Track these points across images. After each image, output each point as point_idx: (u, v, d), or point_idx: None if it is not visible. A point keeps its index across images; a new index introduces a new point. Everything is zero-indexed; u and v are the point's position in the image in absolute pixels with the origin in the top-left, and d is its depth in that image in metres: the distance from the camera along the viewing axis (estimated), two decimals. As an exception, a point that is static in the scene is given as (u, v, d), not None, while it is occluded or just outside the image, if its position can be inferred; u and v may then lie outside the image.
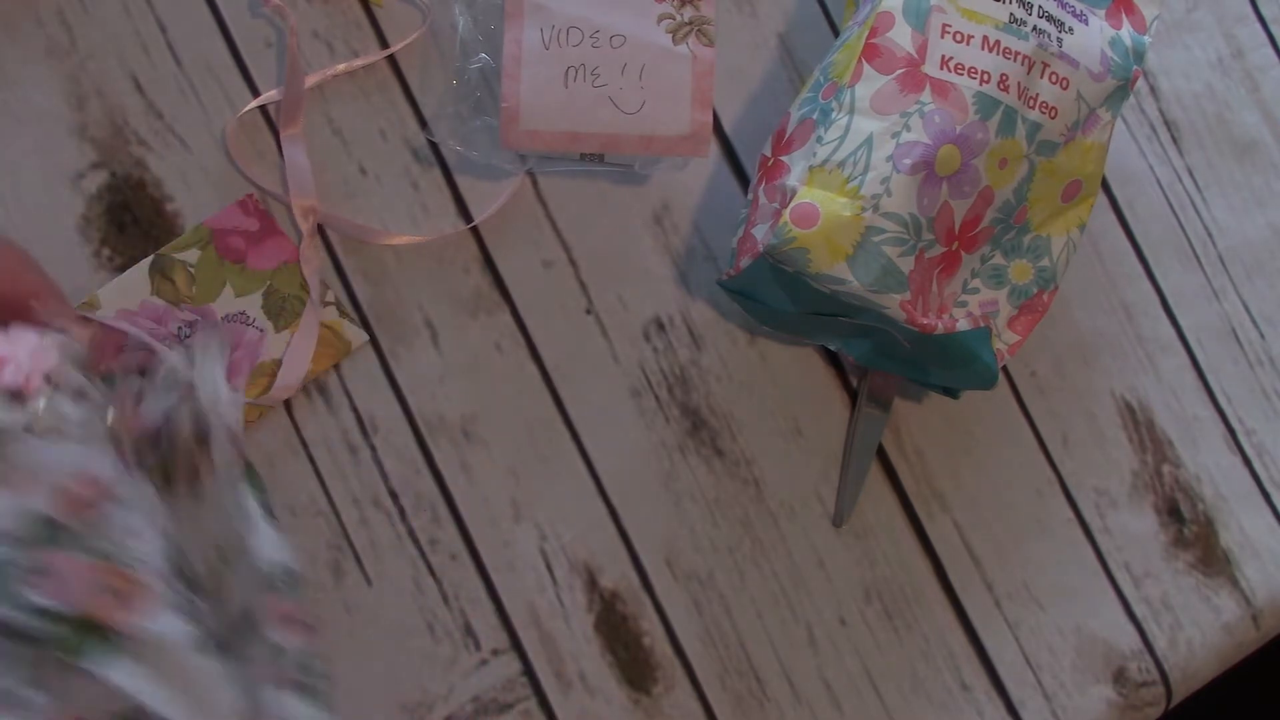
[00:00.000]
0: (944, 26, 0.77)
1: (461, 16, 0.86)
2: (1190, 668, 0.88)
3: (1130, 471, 0.89)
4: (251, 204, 0.84)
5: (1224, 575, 0.89)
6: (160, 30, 0.86)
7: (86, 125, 0.84)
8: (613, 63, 0.84)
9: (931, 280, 0.78)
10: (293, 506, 0.83)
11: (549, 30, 0.84)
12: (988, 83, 0.76)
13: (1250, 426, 0.90)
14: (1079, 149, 0.80)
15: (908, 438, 0.88)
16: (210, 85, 0.86)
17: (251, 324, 0.83)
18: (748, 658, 0.85)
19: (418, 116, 0.87)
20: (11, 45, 0.84)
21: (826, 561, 0.86)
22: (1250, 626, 0.89)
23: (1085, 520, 0.88)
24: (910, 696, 0.85)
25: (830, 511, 0.86)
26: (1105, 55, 0.80)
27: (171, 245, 0.83)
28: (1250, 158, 0.93)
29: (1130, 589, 0.88)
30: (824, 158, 0.76)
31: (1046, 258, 0.82)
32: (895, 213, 0.75)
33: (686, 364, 0.86)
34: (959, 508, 0.87)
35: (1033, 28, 0.78)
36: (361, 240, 0.85)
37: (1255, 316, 0.91)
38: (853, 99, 0.76)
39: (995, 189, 0.78)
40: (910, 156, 0.75)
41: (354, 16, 0.87)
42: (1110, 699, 0.87)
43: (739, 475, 0.86)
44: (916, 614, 0.86)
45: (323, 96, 0.86)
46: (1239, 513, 0.89)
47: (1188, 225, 0.92)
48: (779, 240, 0.75)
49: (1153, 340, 0.90)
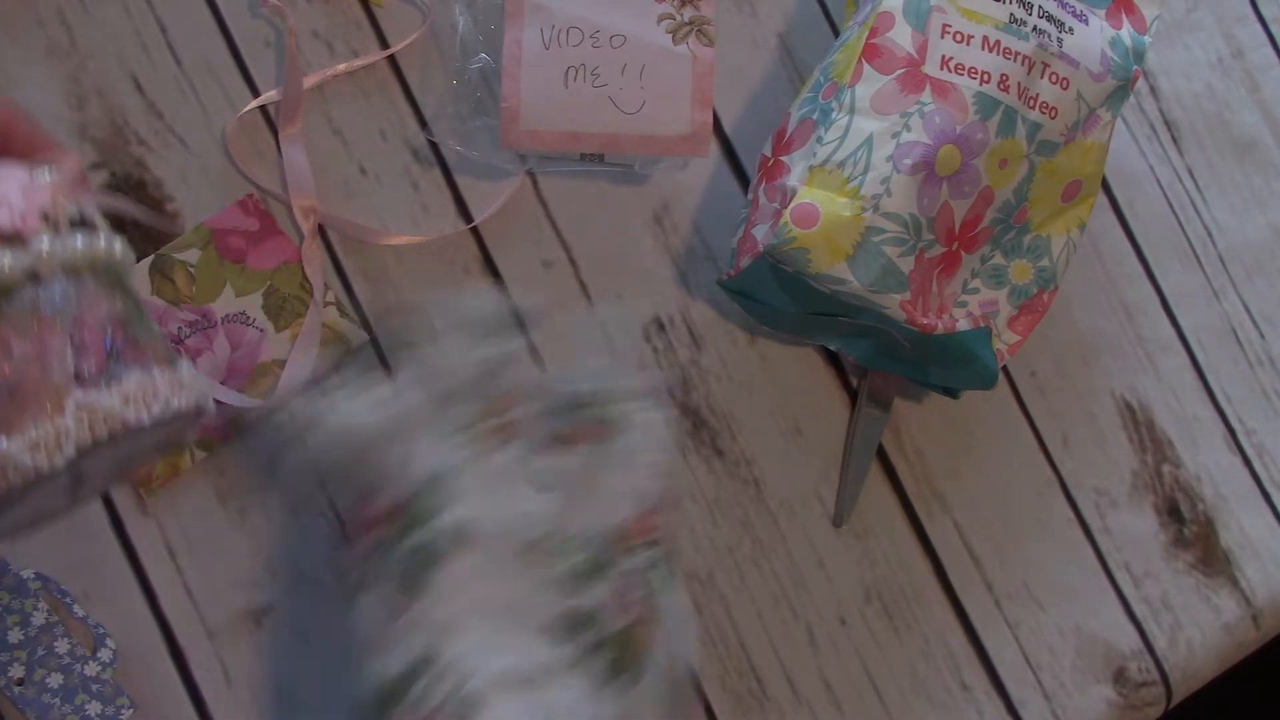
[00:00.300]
0: (944, 26, 0.77)
1: (461, 16, 0.86)
2: (1190, 668, 0.88)
3: (1130, 471, 0.89)
4: (251, 204, 0.84)
5: (1224, 575, 0.89)
6: (160, 30, 0.86)
7: (86, 125, 0.84)
8: (613, 63, 0.84)
9: (931, 280, 0.78)
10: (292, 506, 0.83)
11: (549, 30, 0.84)
12: (988, 83, 0.76)
13: (1250, 426, 0.90)
14: (1079, 149, 0.81)
15: (908, 438, 0.88)
16: (210, 85, 0.86)
17: (251, 324, 0.83)
18: (748, 658, 0.85)
19: (418, 116, 0.87)
20: (11, 45, 0.84)
21: (826, 561, 0.86)
22: (1250, 626, 0.89)
23: (1085, 520, 0.88)
24: (910, 696, 0.85)
25: (830, 511, 0.87)
26: (1105, 55, 0.80)
27: (171, 245, 0.83)
28: (1250, 158, 0.93)
29: (1130, 589, 0.88)
30: (824, 158, 0.76)
31: (1046, 258, 0.82)
32: (895, 213, 0.75)
33: (686, 364, 0.86)
34: (959, 508, 0.87)
35: (1033, 28, 0.78)
36: (361, 240, 0.85)
37: (1255, 316, 0.91)
38: (853, 99, 0.76)
39: (995, 189, 0.78)
40: (910, 156, 0.75)
41: (354, 16, 0.87)
42: (1110, 699, 0.87)
43: (739, 475, 0.86)
44: (916, 614, 0.86)
45: (323, 96, 0.86)
46: (1239, 513, 0.89)
47: (1188, 225, 0.92)
48: (779, 240, 0.75)
49: (1153, 340, 0.90)
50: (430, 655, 0.60)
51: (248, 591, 0.82)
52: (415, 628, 0.60)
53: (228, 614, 0.82)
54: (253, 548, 0.82)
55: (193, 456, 0.82)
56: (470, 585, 0.61)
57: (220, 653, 0.81)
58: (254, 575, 0.82)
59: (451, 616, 0.60)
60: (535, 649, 0.61)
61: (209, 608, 0.82)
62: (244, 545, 0.82)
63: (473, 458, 0.62)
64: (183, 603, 0.81)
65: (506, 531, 0.61)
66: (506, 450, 0.62)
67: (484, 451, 0.61)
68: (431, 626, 0.61)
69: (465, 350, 0.64)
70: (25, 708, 0.79)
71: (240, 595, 0.82)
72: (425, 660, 0.60)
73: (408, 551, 0.61)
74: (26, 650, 0.79)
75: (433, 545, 0.61)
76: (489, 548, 0.61)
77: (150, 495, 0.82)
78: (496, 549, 0.61)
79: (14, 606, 0.79)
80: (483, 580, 0.61)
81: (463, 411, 0.63)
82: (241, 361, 0.82)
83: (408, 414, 0.63)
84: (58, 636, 0.79)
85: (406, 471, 0.62)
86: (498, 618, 0.61)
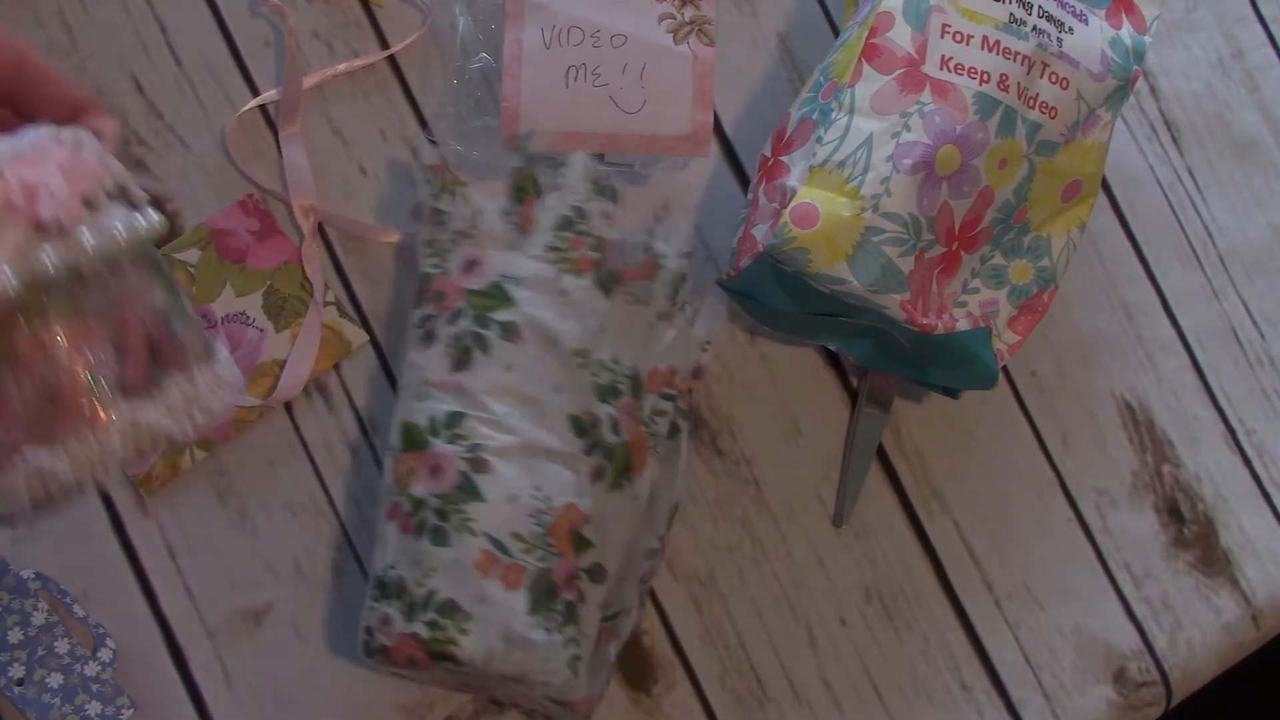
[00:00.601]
0: (944, 26, 0.77)
1: (461, 16, 0.86)
2: (1190, 668, 0.88)
3: (1130, 471, 0.89)
4: (252, 204, 0.84)
5: (1224, 575, 0.89)
6: (160, 30, 0.86)
7: (86, 125, 0.84)
8: (613, 62, 0.84)
9: (931, 280, 0.78)
10: (292, 506, 0.83)
11: (550, 30, 0.84)
12: (987, 83, 0.76)
13: (1250, 426, 0.90)
14: (1079, 149, 0.80)
15: (908, 438, 0.88)
16: (210, 85, 0.86)
17: (251, 324, 0.83)
18: (748, 658, 0.85)
19: (418, 116, 0.87)
20: (11, 45, 0.84)
21: (826, 561, 0.86)
22: (1250, 626, 0.89)
23: (1085, 520, 0.88)
24: (910, 696, 0.85)
25: (830, 511, 0.87)
26: (1105, 55, 0.80)
27: (171, 245, 0.83)
28: (1250, 158, 0.93)
29: (1130, 589, 0.88)
30: (824, 158, 0.76)
31: (1046, 258, 0.82)
32: (895, 213, 0.75)
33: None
34: (959, 508, 0.87)
35: (1033, 28, 0.78)
36: (362, 238, 0.85)
37: (1255, 316, 0.91)
38: (853, 99, 0.76)
39: (995, 189, 0.78)
40: (910, 157, 0.75)
41: (354, 16, 0.87)
42: (1110, 699, 0.87)
43: (739, 475, 0.86)
44: (916, 614, 0.86)
45: (323, 96, 0.86)
46: (1239, 513, 0.89)
47: (1188, 225, 0.92)
48: (779, 240, 0.75)
49: (1153, 340, 0.90)
50: (457, 415, 0.74)
51: (248, 591, 0.82)
52: (453, 390, 0.75)
53: (228, 614, 0.82)
54: (253, 548, 0.83)
55: (193, 456, 0.82)
56: (508, 372, 0.75)
57: (220, 653, 0.81)
58: (254, 575, 0.82)
59: (485, 391, 0.74)
60: (543, 435, 0.74)
61: (209, 608, 0.82)
62: (244, 545, 0.82)
63: (545, 275, 0.76)
64: (183, 603, 0.81)
65: (550, 339, 0.75)
66: (573, 279, 0.76)
67: (556, 274, 0.76)
68: (466, 394, 0.75)
69: (572, 192, 0.78)
70: (25, 708, 0.79)
71: (240, 595, 0.82)
72: (453, 418, 0.74)
73: (469, 330, 0.75)
74: (26, 650, 0.79)
75: (489, 331, 0.75)
76: (532, 347, 0.75)
77: (150, 495, 0.82)
78: (538, 350, 0.75)
79: (14, 606, 0.79)
80: (519, 371, 0.75)
81: (552, 237, 0.77)
82: (242, 361, 0.82)
83: (507, 216, 0.78)
84: (58, 636, 0.79)
85: (492, 264, 0.77)
86: (522, 403, 0.74)
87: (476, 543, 0.73)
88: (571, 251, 0.77)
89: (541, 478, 0.74)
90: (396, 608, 0.73)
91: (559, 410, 0.75)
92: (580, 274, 0.76)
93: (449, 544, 0.73)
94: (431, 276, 0.78)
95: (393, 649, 0.73)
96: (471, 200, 0.78)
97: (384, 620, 0.74)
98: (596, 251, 0.77)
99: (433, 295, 0.77)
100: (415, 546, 0.74)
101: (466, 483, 0.74)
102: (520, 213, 0.78)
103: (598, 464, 0.75)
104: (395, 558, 0.74)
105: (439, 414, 0.75)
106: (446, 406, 0.75)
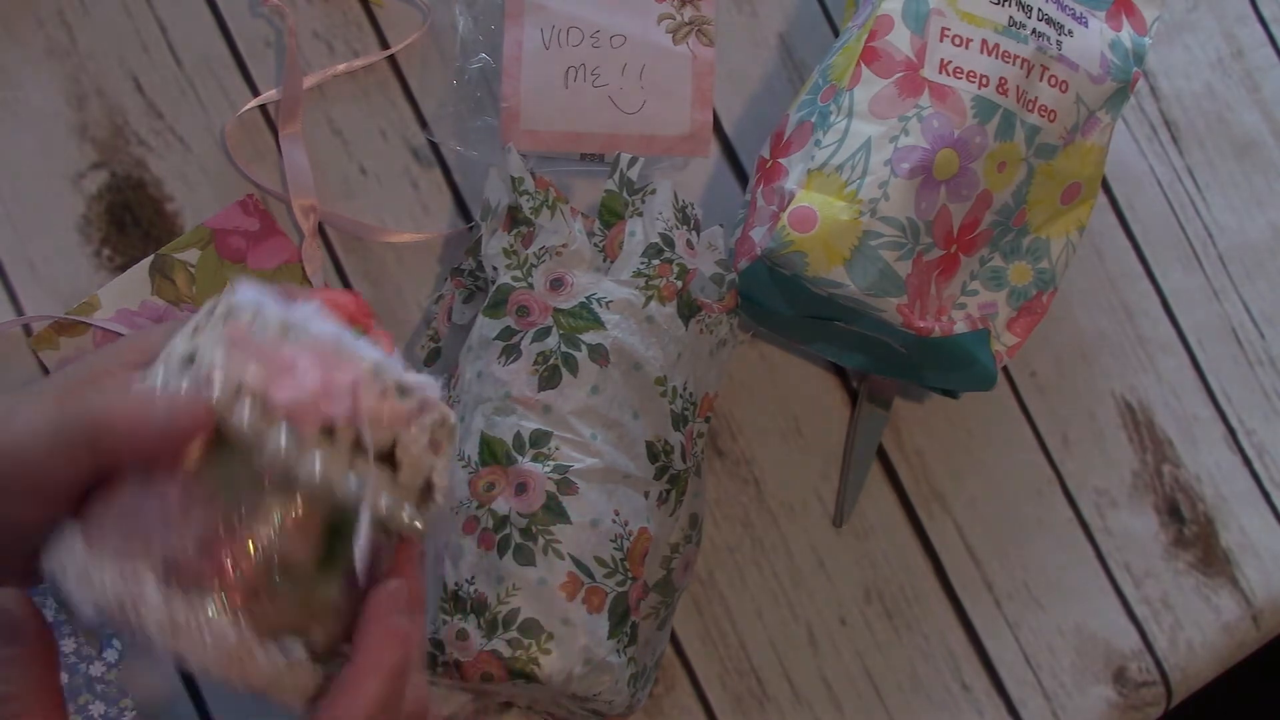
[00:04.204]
0: (943, 30, 0.77)
1: (461, 16, 0.86)
2: (1190, 668, 0.88)
3: (1130, 471, 0.89)
4: (252, 204, 0.84)
5: (1224, 575, 0.89)
6: (160, 30, 0.86)
7: (86, 125, 0.84)
8: (613, 62, 0.84)
9: (930, 283, 0.78)
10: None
11: (549, 30, 0.84)
12: (986, 86, 0.76)
13: (1250, 426, 0.90)
14: (1078, 151, 0.80)
15: (908, 438, 0.88)
16: (210, 85, 0.86)
17: (252, 325, 0.83)
18: (748, 658, 0.85)
19: (418, 116, 0.87)
20: (11, 45, 0.85)
21: (826, 561, 0.86)
22: (1250, 626, 0.89)
23: (1085, 520, 0.88)
24: (910, 696, 0.85)
25: (830, 511, 0.87)
26: (1105, 58, 0.79)
27: (172, 245, 0.83)
28: (1250, 158, 0.93)
29: (1130, 589, 0.88)
30: (822, 161, 0.76)
31: (1046, 259, 0.82)
32: (893, 217, 0.75)
33: (686, 364, 0.86)
34: (959, 508, 0.87)
35: (1032, 31, 0.78)
36: (362, 238, 0.85)
37: (1255, 316, 0.91)
38: (851, 102, 0.76)
39: (994, 192, 0.78)
40: (908, 160, 0.75)
41: (354, 16, 0.87)
42: (1110, 699, 0.87)
43: (739, 475, 0.86)
44: (916, 614, 0.86)
45: (323, 96, 0.86)
46: (1239, 513, 0.89)
47: (1188, 225, 0.92)
48: (777, 244, 0.74)
49: (1153, 340, 0.90)
50: (544, 434, 0.75)
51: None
52: (539, 409, 0.75)
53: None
54: (253, 548, 0.83)
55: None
56: (594, 395, 0.75)
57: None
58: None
59: (571, 412, 0.75)
60: (623, 459, 0.75)
61: (210, 608, 0.82)
62: (244, 545, 0.82)
63: (634, 300, 0.77)
64: (183, 603, 0.82)
65: (635, 365, 0.76)
66: (659, 306, 0.77)
67: (644, 300, 0.77)
68: (553, 414, 0.75)
69: (660, 219, 0.79)
70: (27, 708, 0.79)
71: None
72: (539, 436, 0.75)
73: (558, 349, 0.76)
74: (28, 650, 0.79)
75: (579, 352, 0.76)
76: (616, 371, 0.76)
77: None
78: (622, 375, 0.76)
79: (16, 607, 0.79)
80: (604, 394, 0.75)
81: (641, 263, 0.78)
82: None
83: (592, 238, 0.80)
84: (63, 636, 0.80)
85: (579, 284, 0.77)
86: (606, 427, 0.75)
87: (563, 565, 0.73)
88: (658, 279, 0.77)
89: (619, 502, 0.75)
90: (474, 623, 0.73)
91: (637, 435, 0.76)
92: (665, 302, 0.77)
93: (534, 564, 0.73)
94: (512, 289, 0.78)
95: (467, 664, 0.72)
96: (568, 219, 0.79)
97: (460, 635, 0.73)
98: (680, 280, 0.77)
99: (513, 308, 0.77)
100: (496, 563, 0.73)
101: (554, 503, 0.74)
102: (609, 235, 0.79)
103: (664, 489, 0.76)
104: (473, 572, 0.74)
105: (524, 431, 0.75)
106: (533, 425, 0.75)
